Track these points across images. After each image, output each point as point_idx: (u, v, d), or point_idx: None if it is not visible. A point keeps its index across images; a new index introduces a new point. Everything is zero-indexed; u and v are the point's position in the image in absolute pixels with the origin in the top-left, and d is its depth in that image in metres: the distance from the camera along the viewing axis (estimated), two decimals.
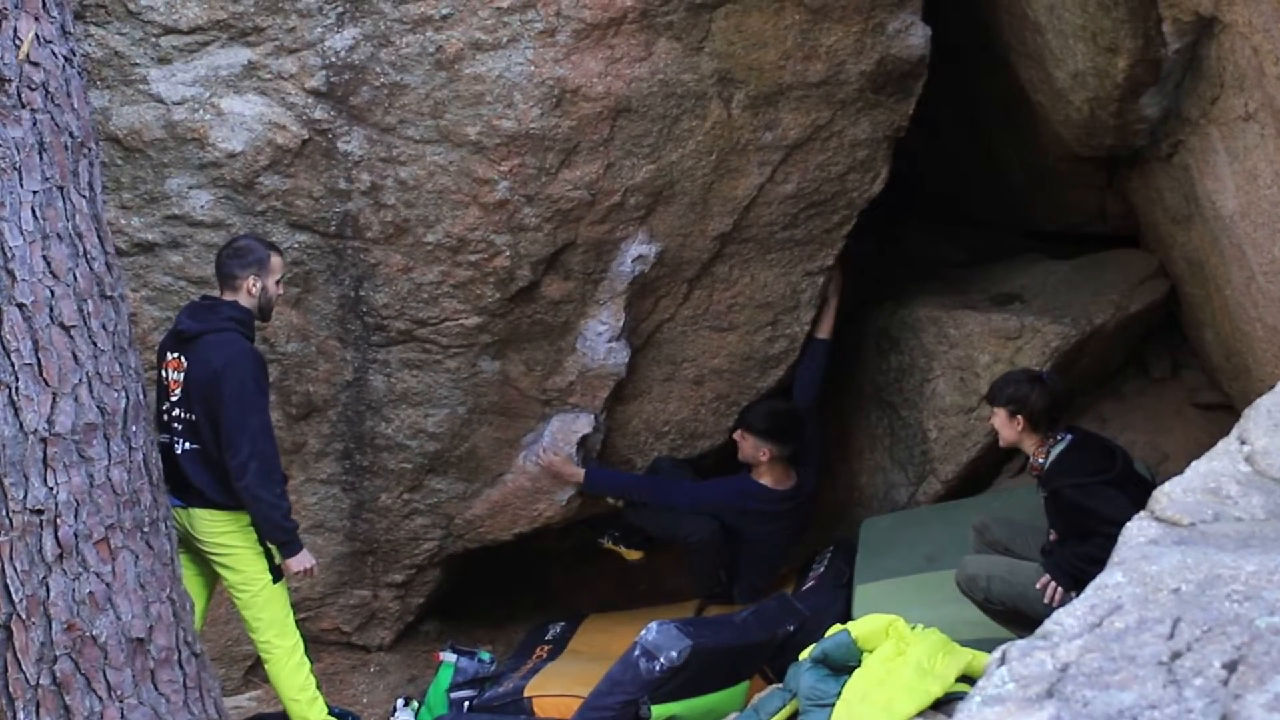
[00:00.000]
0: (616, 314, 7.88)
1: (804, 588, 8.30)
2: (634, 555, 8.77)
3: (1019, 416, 6.81)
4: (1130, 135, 7.62)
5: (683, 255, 7.90)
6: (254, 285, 6.66)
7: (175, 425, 6.64)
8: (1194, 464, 3.70)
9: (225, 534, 6.70)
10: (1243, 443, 3.75)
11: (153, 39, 7.14)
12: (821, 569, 8.43)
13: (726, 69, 7.45)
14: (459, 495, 8.22)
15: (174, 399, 6.64)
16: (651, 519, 8.35)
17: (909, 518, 8.65)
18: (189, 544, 6.74)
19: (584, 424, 8.18)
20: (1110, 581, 3.11)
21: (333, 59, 7.17)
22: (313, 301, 7.63)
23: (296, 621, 6.95)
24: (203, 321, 6.63)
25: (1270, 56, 5.68)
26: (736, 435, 8.34)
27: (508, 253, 7.51)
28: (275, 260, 6.75)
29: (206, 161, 7.27)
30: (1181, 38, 6.68)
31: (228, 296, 6.67)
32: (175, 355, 6.66)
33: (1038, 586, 6.53)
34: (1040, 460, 6.82)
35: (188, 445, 6.62)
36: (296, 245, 7.48)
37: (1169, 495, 3.53)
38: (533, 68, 7.17)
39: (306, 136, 7.28)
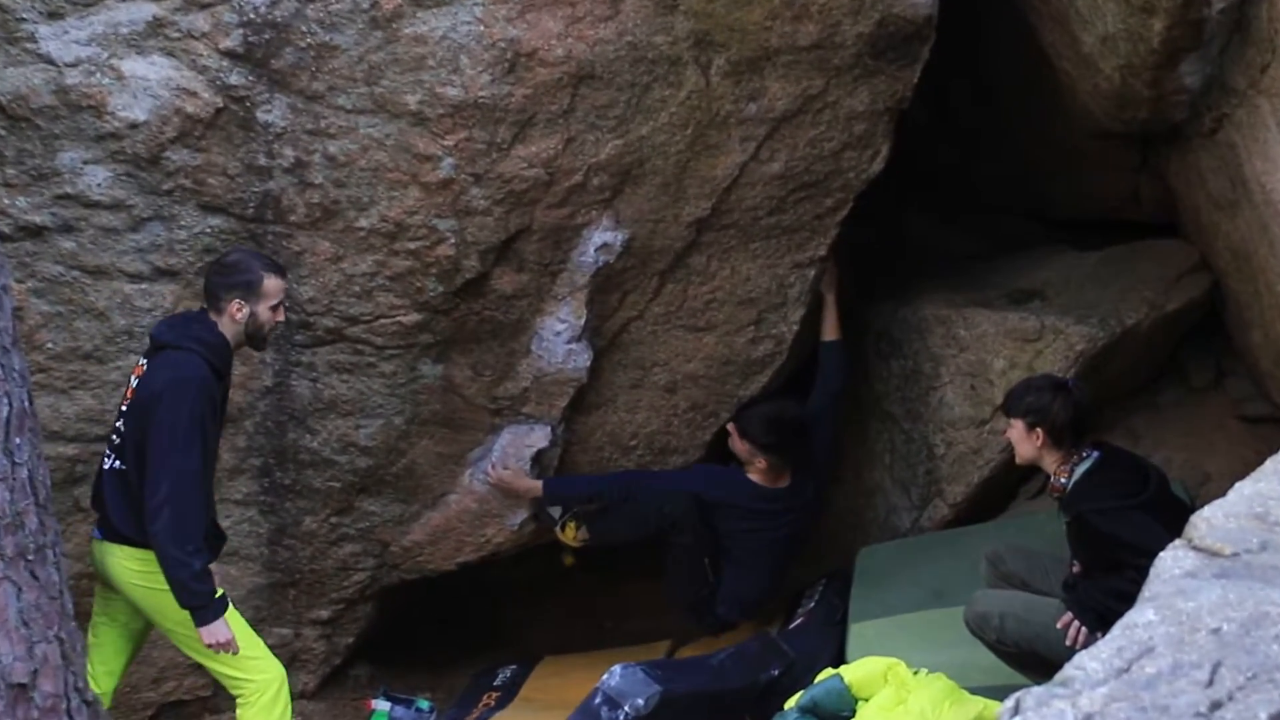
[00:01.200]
0: (577, 311, 7.88)
1: (791, 626, 8.31)
2: (571, 539, 8.66)
3: (1038, 430, 6.79)
4: (1168, 108, 7.64)
5: (653, 244, 7.90)
6: (239, 311, 6.64)
7: (113, 437, 6.68)
8: (1238, 485, 3.70)
9: (137, 573, 6.65)
10: None
11: None
12: (812, 605, 8.43)
13: (704, 30, 7.45)
14: (395, 519, 8.20)
15: (123, 409, 6.66)
16: (621, 521, 8.33)
17: (912, 547, 8.66)
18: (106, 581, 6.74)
19: (539, 437, 8.17)
20: (1141, 620, 3.11)
21: (251, 15, 7.15)
22: None
23: (269, 646, 6.88)
24: (172, 333, 6.64)
25: None
26: (730, 428, 8.36)
27: (452, 240, 7.50)
28: (270, 283, 6.69)
29: (104, 133, 7.24)
30: None
31: (212, 316, 6.67)
32: (142, 361, 6.69)
33: (1058, 626, 6.52)
34: (1062, 480, 6.80)
35: (116, 463, 6.64)
36: (209, 230, 7.46)
37: (1209, 521, 3.53)
38: (482, 27, 7.17)
39: (220, 105, 7.25)
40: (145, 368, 6.63)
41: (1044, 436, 6.77)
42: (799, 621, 8.32)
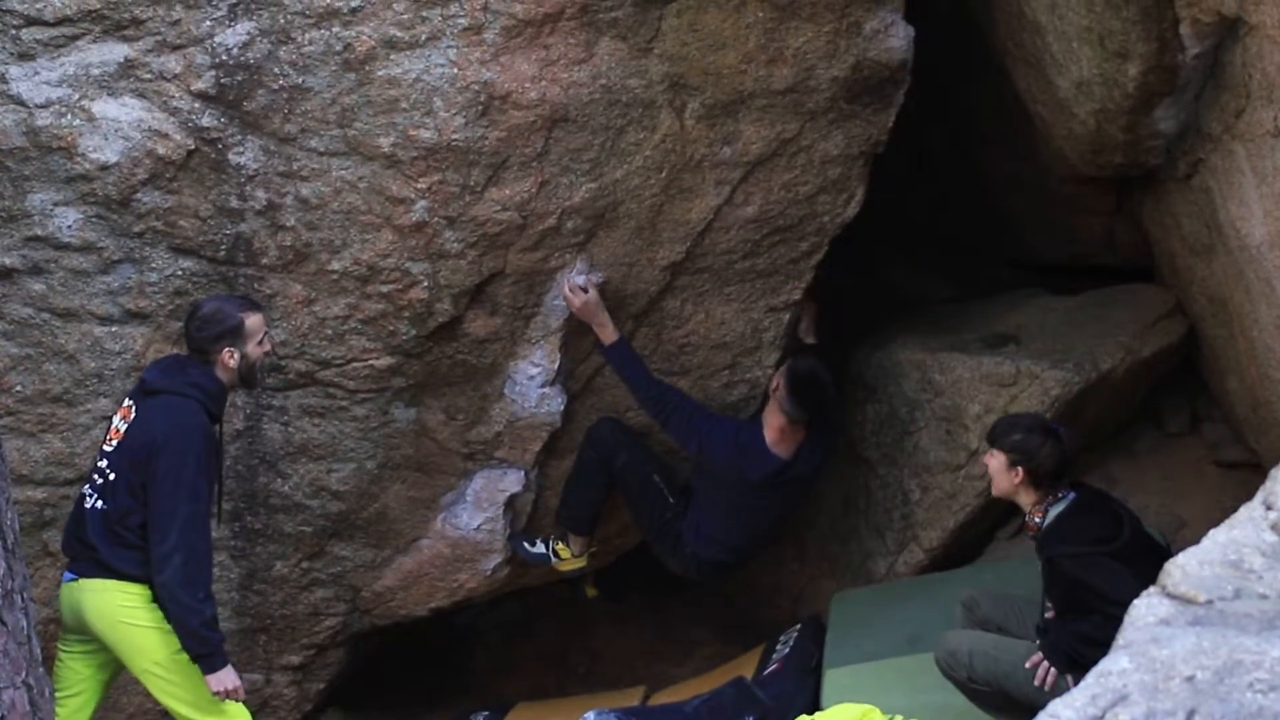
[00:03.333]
0: (550, 355, 7.87)
1: (766, 672, 8.28)
2: (576, 563, 8.61)
3: (1020, 469, 6.81)
4: (1143, 153, 7.66)
5: (628, 287, 7.89)
6: (230, 358, 6.70)
7: (96, 478, 6.69)
8: (1212, 532, 3.70)
9: (123, 609, 6.63)
10: (1268, 508, 3.75)
11: (12, 31, 7.10)
12: (786, 651, 8.41)
13: (679, 74, 7.46)
14: (367, 564, 8.17)
15: (108, 449, 6.68)
16: (576, 486, 8.36)
17: (887, 592, 8.65)
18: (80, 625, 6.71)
19: (512, 481, 8.16)
20: (1115, 668, 3.10)
21: (224, 57, 7.15)
22: None
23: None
24: (167, 379, 6.68)
25: None
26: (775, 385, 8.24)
27: (425, 283, 7.49)
28: (252, 321, 6.77)
29: (75, 174, 7.22)
30: (1202, 41, 6.72)
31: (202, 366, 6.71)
32: (129, 404, 6.71)
33: (1028, 665, 6.53)
34: (1037, 520, 6.83)
35: (98, 504, 6.64)
36: (180, 273, 7.44)
37: (1183, 568, 3.53)
38: (456, 70, 7.17)
39: (192, 146, 7.25)
40: (134, 411, 6.64)
41: (1024, 475, 6.80)
42: (774, 668, 8.30)
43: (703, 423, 8.09)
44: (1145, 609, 3.41)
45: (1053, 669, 6.48)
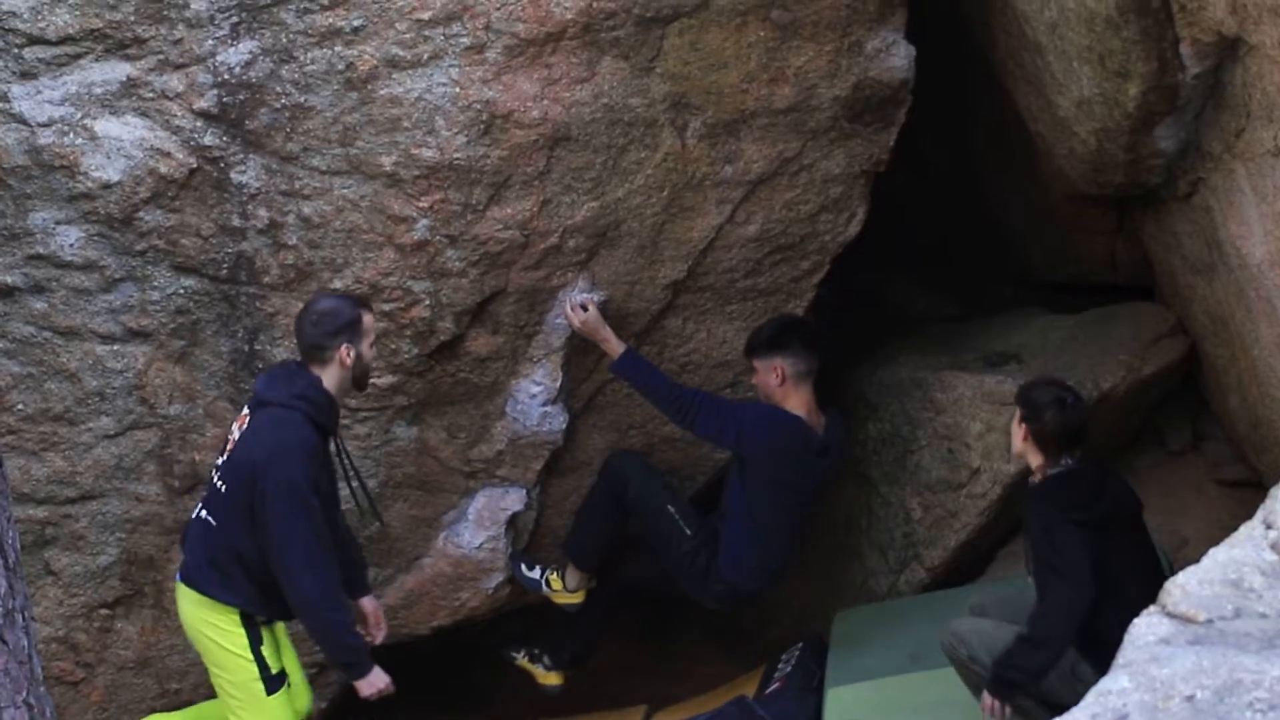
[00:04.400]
0: (552, 373, 7.87)
1: (768, 691, 8.27)
2: (550, 679, 8.62)
3: (1025, 427, 6.97)
4: (1143, 172, 7.66)
5: (629, 306, 7.90)
6: (348, 355, 6.67)
7: (210, 487, 6.74)
8: (1212, 551, 3.70)
9: (208, 624, 6.70)
10: (1268, 527, 3.75)
11: (15, 50, 7.12)
12: (788, 669, 8.40)
13: (681, 93, 7.47)
14: (370, 582, 8.16)
15: (223, 459, 6.71)
16: (587, 521, 8.29)
17: (889, 610, 8.64)
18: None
19: (514, 500, 8.15)
20: (1115, 687, 3.10)
21: (226, 76, 7.16)
22: (200, 356, 7.59)
23: None
24: (275, 389, 6.67)
25: None
26: (755, 364, 8.11)
27: (427, 301, 7.49)
28: (368, 319, 6.76)
29: (77, 193, 7.23)
30: (1202, 61, 6.72)
31: (314, 370, 6.68)
32: (246, 413, 6.73)
33: (983, 709, 6.78)
34: (1035, 480, 7.04)
35: (203, 513, 6.70)
36: (182, 291, 7.45)
37: (1183, 587, 3.53)
38: (458, 89, 7.17)
39: (194, 165, 7.25)
40: (248, 421, 6.66)
41: (1028, 435, 6.96)
42: (775, 686, 8.29)
43: (734, 409, 8.00)
44: (1145, 628, 3.40)
45: (997, 702, 6.72)
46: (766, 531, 8.06)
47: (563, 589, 8.34)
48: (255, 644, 6.69)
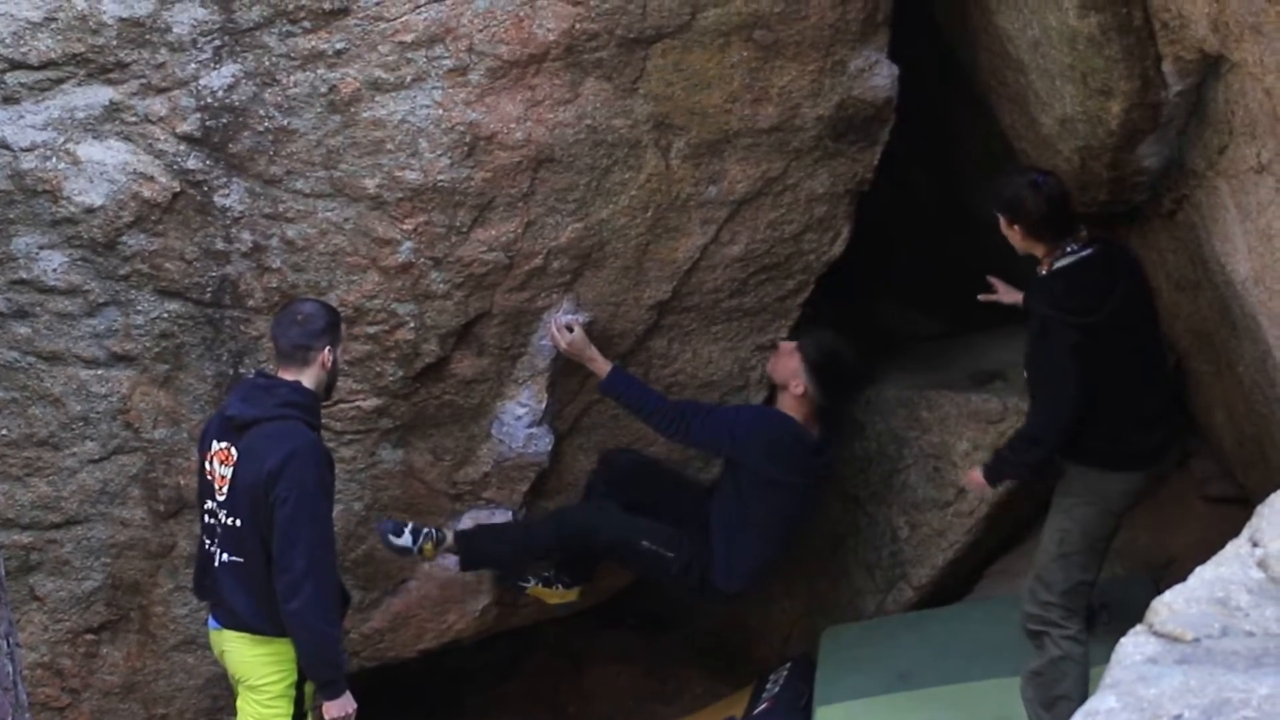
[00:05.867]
0: (538, 395, 7.85)
1: (756, 711, 8.27)
2: (568, 596, 8.50)
3: (1017, 226, 7.03)
4: (1127, 190, 7.66)
5: (614, 327, 7.89)
6: (329, 357, 6.65)
7: (217, 530, 6.65)
8: (1199, 570, 3.68)
9: (259, 664, 6.68)
10: (1255, 545, 3.73)
11: None
12: (776, 689, 8.38)
13: (664, 113, 7.47)
14: (355, 606, 8.12)
15: (219, 499, 6.62)
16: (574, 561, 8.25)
17: (877, 628, 8.62)
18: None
19: (500, 522, 8.11)
20: (1102, 707, 3.09)
21: (209, 100, 7.15)
22: (184, 380, 7.57)
23: None
24: (257, 405, 6.61)
25: None
26: (783, 346, 8.12)
27: (412, 324, 7.48)
28: (343, 327, 6.80)
29: (60, 218, 7.22)
30: (1184, 79, 6.73)
31: (290, 375, 6.64)
32: (223, 445, 6.64)
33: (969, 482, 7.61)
34: (1042, 272, 7.08)
35: (227, 557, 6.61)
36: (166, 315, 7.43)
37: (1170, 606, 3.51)
38: (441, 111, 7.17)
39: (178, 189, 7.24)
40: (233, 450, 6.58)
41: (1021, 231, 7.03)
42: (764, 707, 8.28)
43: (727, 414, 8.02)
44: (1132, 648, 3.39)
45: (986, 484, 7.49)
46: (759, 532, 8.04)
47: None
48: (301, 681, 6.70)
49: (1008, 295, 8.06)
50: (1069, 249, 6.98)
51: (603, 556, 8.17)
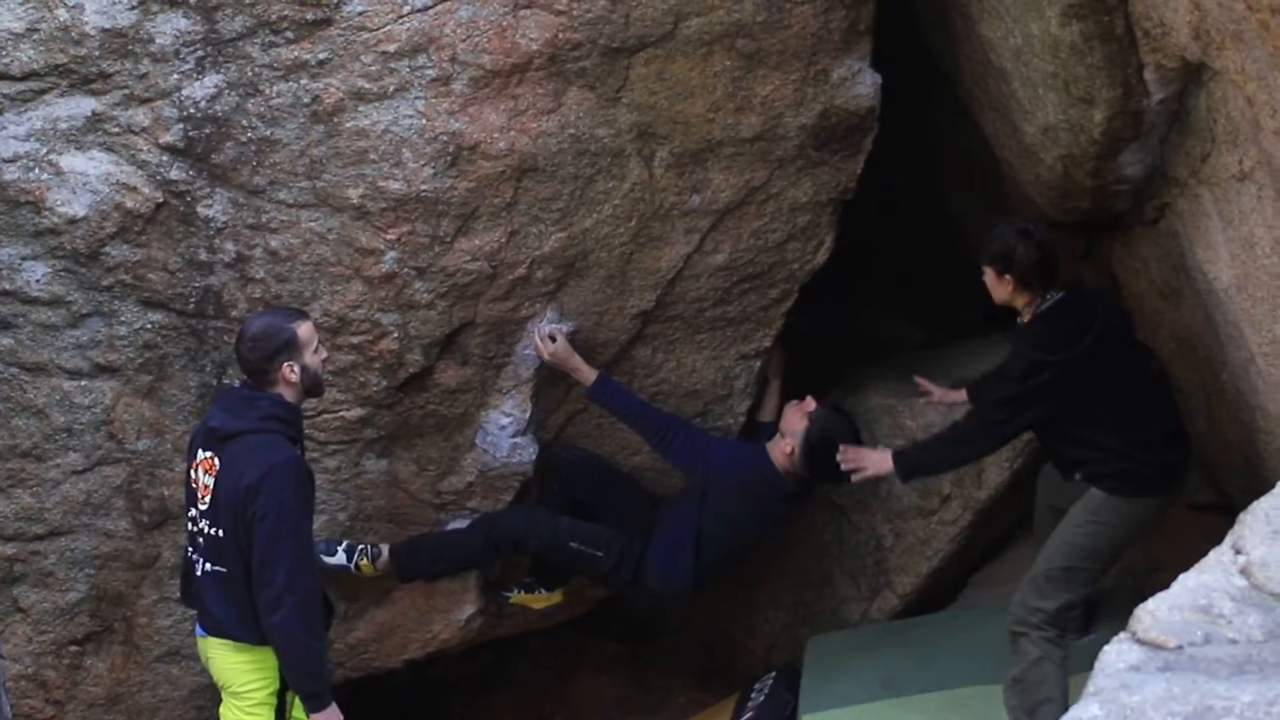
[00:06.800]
0: (522, 404, 7.85)
1: None
2: (552, 599, 8.48)
3: (1007, 276, 7.09)
4: (1110, 198, 7.67)
5: (598, 336, 7.89)
6: (292, 373, 6.60)
7: (199, 540, 6.65)
8: (1182, 577, 3.68)
9: (241, 671, 6.69)
10: (1237, 552, 3.74)
11: None
12: (761, 699, 8.38)
13: (647, 123, 7.47)
14: (339, 616, 8.12)
15: (201, 508, 6.62)
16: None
17: (862, 636, 8.62)
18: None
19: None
20: (1086, 714, 3.09)
21: (191, 110, 7.14)
22: (168, 391, 7.56)
23: None
24: (239, 418, 6.59)
25: (1266, 108, 5.72)
26: (808, 400, 8.07)
27: (396, 334, 7.47)
28: (304, 331, 6.66)
29: (43, 228, 7.20)
30: (1166, 87, 6.73)
31: (266, 390, 6.62)
32: (208, 454, 6.63)
33: (843, 457, 7.53)
34: (1023, 320, 7.20)
35: (209, 566, 6.62)
36: (149, 326, 7.41)
37: (1153, 614, 3.51)
38: (424, 121, 7.16)
39: (161, 200, 7.23)
40: (216, 461, 6.57)
41: (1013, 282, 7.10)
42: (749, 715, 8.27)
43: (707, 446, 8.03)
44: (1115, 656, 3.39)
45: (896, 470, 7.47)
46: (708, 549, 8.08)
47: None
48: (283, 690, 6.70)
49: (942, 395, 8.29)
50: (1049, 296, 7.11)
51: (535, 558, 8.20)
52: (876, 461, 7.54)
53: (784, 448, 7.97)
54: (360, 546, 7.89)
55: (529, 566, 8.41)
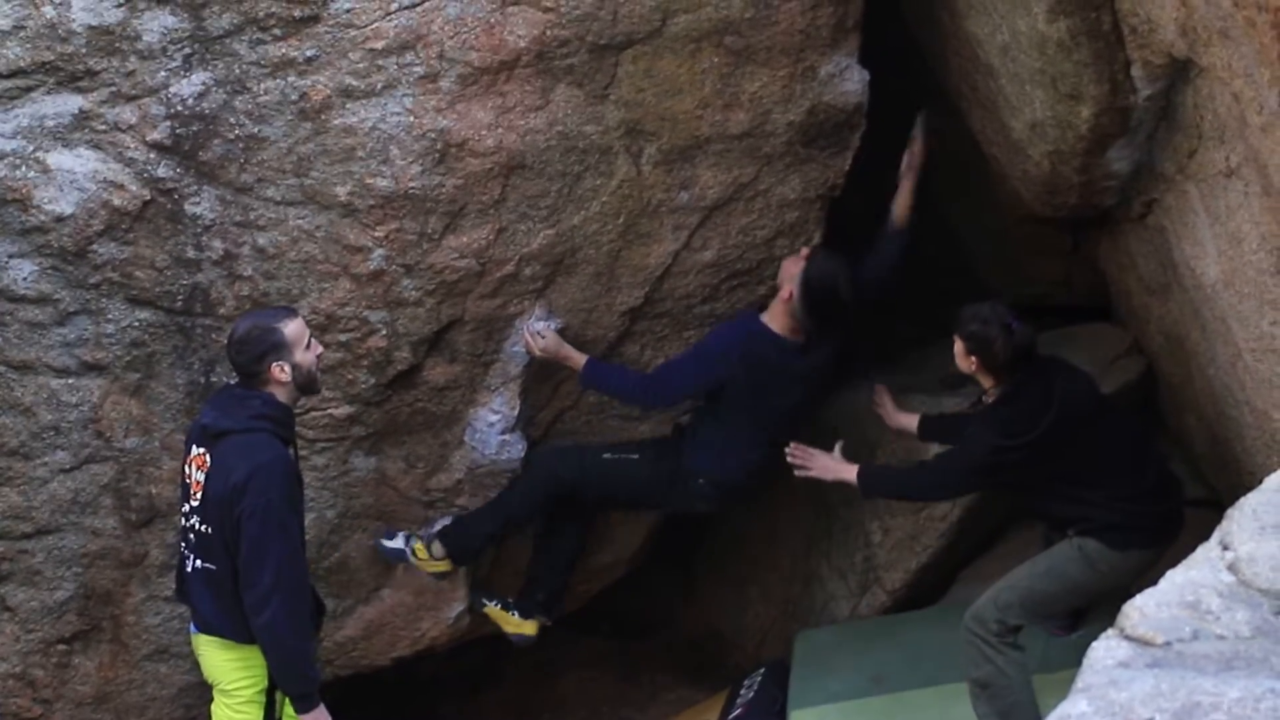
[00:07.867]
0: (510, 402, 7.84)
1: (731, 717, 8.25)
2: (524, 629, 8.45)
3: (974, 358, 7.08)
4: (1097, 194, 7.67)
5: (587, 333, 7.88)
6: (282, 372, 6.58)
7: (190, 536, 6.65)
8: (1170, 573, 3.68)
9: (230, 668, 6.70)
10: (1225, 548, 3.73)
11: None
12: (751, 695, 8.38)
13: (635, 120, 7.46)
14: (328, 614, 8.11)
15: (193, 504, 6.62)
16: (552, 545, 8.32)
17: (851, 632, 8.62)
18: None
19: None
20: (1074, 711, 3.08)
21: (179, 107, 7.13)
22: (155, 389, 7.54)
23: None
24: (230, 417, 6.58)
25: (1253, 104, 5.73)
26: (803, 251, 7.94)
27: (384, 331, 7.47)
28: (293, 329, 6.62)
29: (30, 226, 7.18)
30: (1153, 83, 6.74)
31: (258, 389, 6.62)
32: (201, 451, 6.63)
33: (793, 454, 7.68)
34: (987, 401, 7.24)
35: (198, 563, 6.62)
36: (137, 324, 7.40)
37: (1141, 610, 3.51)
38: (412, 118, 7.16)
39: (148, 197, 7.21)
40: (208, 458, 6.57)
41: (979, 364, 7.09)
42: (738, 712, 8.28)
43: (698, 350, 7.95)
44: (1103, 652, 3.38)
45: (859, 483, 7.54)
46: (739, 431, 8.03)
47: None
48: (272, 688, 6.70)
49: (891, 416, 8.30)
50: (1014, 380, 7.10)
51: (586, 495, 8.14)
52: (828, 468, 7.61)
53: (782, 295, 7.83)
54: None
55: (522, 588, 8.42)
